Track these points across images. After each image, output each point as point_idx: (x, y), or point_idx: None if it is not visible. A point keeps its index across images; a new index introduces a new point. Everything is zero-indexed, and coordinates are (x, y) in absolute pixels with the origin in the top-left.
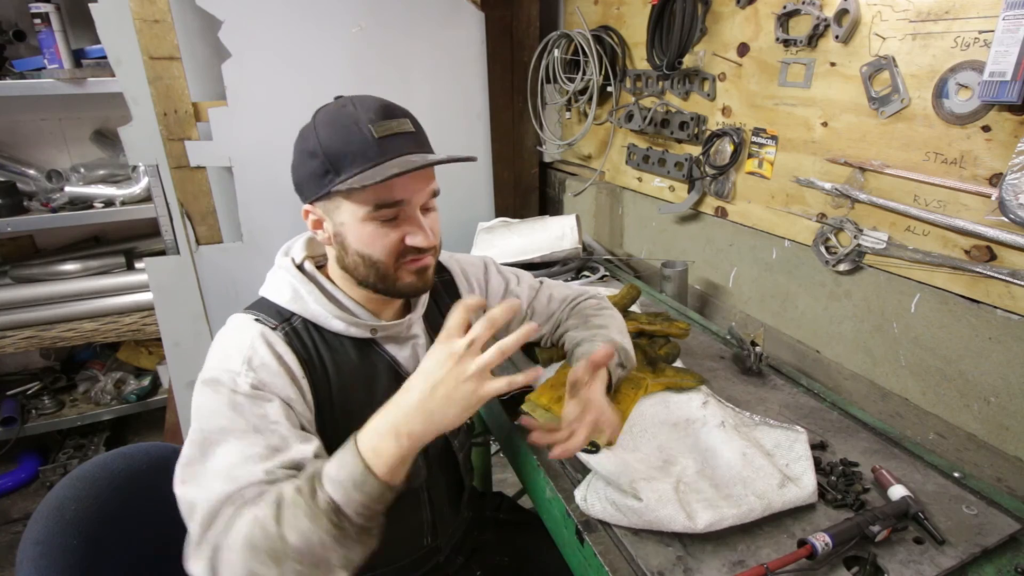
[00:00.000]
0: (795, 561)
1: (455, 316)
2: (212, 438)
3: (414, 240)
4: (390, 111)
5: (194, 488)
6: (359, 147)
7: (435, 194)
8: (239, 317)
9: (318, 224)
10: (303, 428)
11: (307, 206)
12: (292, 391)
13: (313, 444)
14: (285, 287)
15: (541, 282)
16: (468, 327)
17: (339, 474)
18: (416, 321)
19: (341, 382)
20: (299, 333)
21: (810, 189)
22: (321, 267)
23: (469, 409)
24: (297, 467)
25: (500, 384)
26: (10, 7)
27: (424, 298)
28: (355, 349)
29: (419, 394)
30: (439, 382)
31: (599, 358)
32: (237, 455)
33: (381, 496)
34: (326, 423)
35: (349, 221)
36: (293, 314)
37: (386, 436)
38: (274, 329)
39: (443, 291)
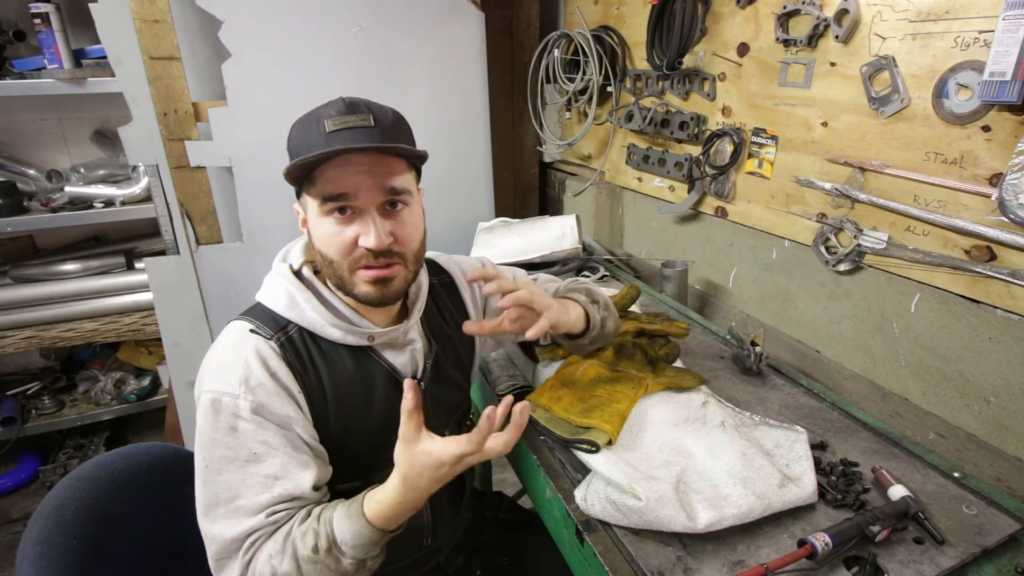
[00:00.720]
0: (795, 561)
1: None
2: (215, 467)
3: (365, 241)
4: (354, 107)
5: (207, 523)
6: (311, 142)
7: (394, 192)
8: (236, 326)
9: (304, 223)
10: (307, 444)
11: (295, 205)
12: (291, 409)
13: (311, 472)
14: (282, 293)
15: (535, 279)
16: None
17: (357, 541)
18: (413, 327)
19: (336, 392)
20: (294, 343)
21: (810, 189)
22: (319, 272)
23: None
24: (295, 499)
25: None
26: (10, 7)
27: (421, 303)
28: (351, 357)
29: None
30: (427, 483)
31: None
32: (239, 486)
33: (391, 535)
34: (322, 432)
35: (311, 218)
36: (289, 322)
37: (394, 520)
38: (269, 339)
39: (443, 292)
